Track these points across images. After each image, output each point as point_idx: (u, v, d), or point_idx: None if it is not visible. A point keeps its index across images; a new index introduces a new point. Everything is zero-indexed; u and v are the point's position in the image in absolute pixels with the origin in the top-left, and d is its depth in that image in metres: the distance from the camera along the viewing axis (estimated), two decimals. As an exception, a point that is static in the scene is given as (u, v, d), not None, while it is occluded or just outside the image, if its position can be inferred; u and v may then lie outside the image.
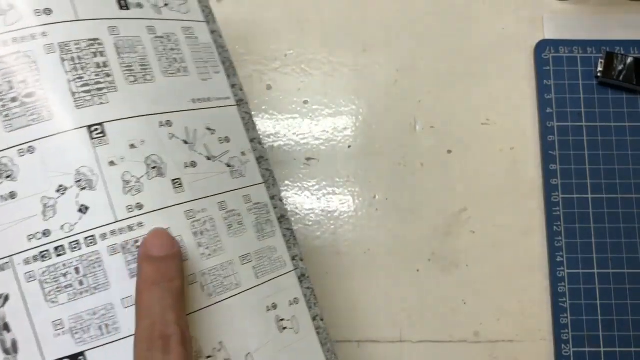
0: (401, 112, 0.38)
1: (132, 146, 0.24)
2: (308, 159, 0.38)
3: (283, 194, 0.37)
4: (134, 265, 0.23)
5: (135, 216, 0.24)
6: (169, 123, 0.26)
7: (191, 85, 0.27)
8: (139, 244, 0.24)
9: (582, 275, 0.36)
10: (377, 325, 0.35)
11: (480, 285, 0.36)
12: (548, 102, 0.38)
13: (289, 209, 0.37)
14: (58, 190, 0.23)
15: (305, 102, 0.39)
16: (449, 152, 0.38)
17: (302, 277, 0.28)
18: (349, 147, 0.38)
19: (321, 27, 0.40)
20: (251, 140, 0.29)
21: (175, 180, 0.25)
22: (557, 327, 0.35)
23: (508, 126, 0.38)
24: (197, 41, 0.28)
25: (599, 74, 0.38)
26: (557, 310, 0.35)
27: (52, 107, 0.24)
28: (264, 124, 0.38)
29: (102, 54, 0.25)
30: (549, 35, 0.39)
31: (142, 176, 0.24)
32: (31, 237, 0.23)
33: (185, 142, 0.26)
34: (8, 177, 0.23)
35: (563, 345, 0.35)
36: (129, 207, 0.24)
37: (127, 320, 0.23)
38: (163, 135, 0.25)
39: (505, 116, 0.38)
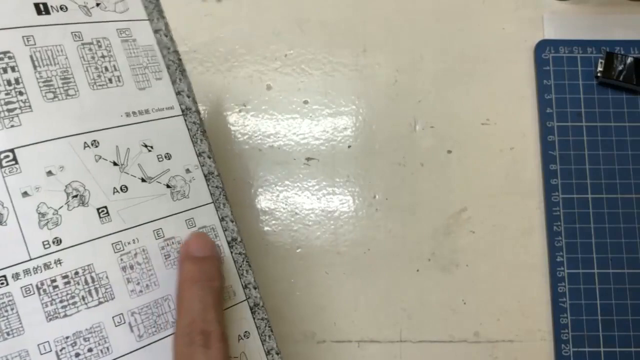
0: (401, 112, 0.38)
1: (50, 173, 0.22)
2: (308, 159, 0.38)
3: (283, 194, 0.37)
4: (52, 307, 0.21)
5: (52, 252, 0.21)
6: (95, 143, 0.23)
7: (125, 97, 0.24)
8: (56, 283, 0.21)
9: (582, 275, 0.36)
10: (377, 325, 0.35)
11: (480, 285, 0.36)
12: (548, 102, 0.38)
13: (289, 209, 0.37)
14: None
15: (305, 102, 0.39)
16: (449, 152, 0.38)
17: (255, 307, 0.26)
18: (349, 147, 0.38)
19: (321, 27, 0.40)
20: (199, 155, 0.26)
21: (101, 209, 0.23)
22: (557, 327, 0.35)
23: (508, 126, 0.38)
24: (136, 44, 0.25)
25: (599, 74, 0.38)
26: (557, 310, 0.35)
27: None
28: (264, 124, 0.38)
29: (13, 69, 0.22)
30: (549, 35, 0.39)
31: (61, 207, 0.22)
32: None
33: (115, 164, 0.23)
34: None
35: (563, 345, 0.35)
36: (45, 243, 0.21)
37: None
38: (87, 158, 0.23)
39: (505, 116, 0.38)
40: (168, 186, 0.25)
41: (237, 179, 0.37)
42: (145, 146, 0.24)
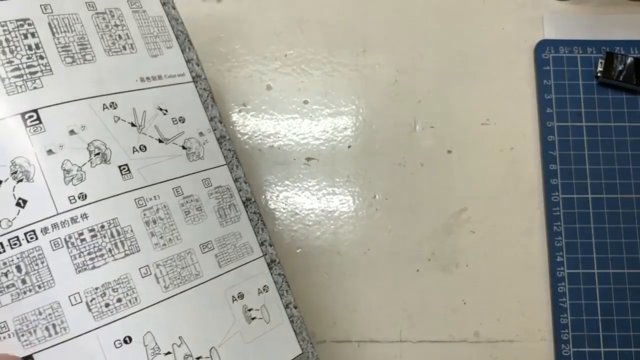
0: (401, 112, 0.38)
1: (72, 132, 0.23)
2: (308, 159, 0.38)
3: (283, 194, 0.37)
4: (80, 260, 0.22)
5: (78, 207, 0.22)
6: (113, 105, 0.24)
7: (139, 63, 0.26)
8: (84, 236, 0.22)
9: (582, 275, 0.36)
10: (377, 325, 0.35)
11: (480, 285, 0.36)
12: (548, 102, 0.38)
13: (289, 209, 0.37)
14: None
15: (305, 102, 0.39)
16: (449, 152, 0.38)
17: (272, 264, 0.27)
18: (349, 147, 0.38)
19: (321, 27, 0.40)
20: (210, 119, 0.27)
21: (122, 167, 0.24)
22: (557, 327, 0.35)
23: (508, 126, 0.38)
24: (146, 15, 0.27)
25: (599, 74, 0.38)
26: (557, 310, 0.35)
27: None
28: (264, 124, 0.38)
29: (33, 35, 0.23)
30: (549, 35, 0.39)
31: (85, 164, 0.23)
32: None
33: (133, 125, 0.24)
34: None
35: (563, 345, 0.35)
36: (71, 198, 0.22)
37: (75, 319, 0.22)
38: (107, 118, 0.24)
39: (505, 116, 0.38)
40: (184, 147, 0.26)
41: (237, 179, 0.37)
42: (160, 109, 0.25)
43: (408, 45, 0.39)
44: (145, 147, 0.24)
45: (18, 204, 0.22)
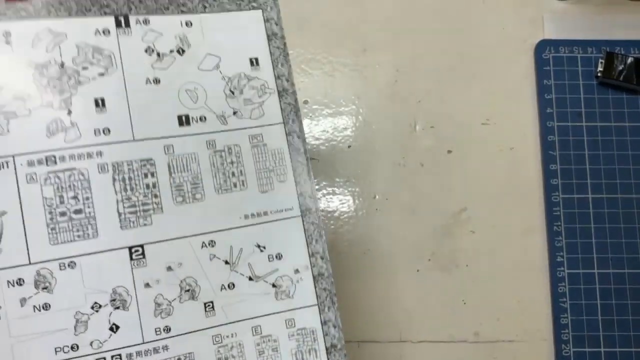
0: (401, 112, 0.38)
1: (169, 269, 0.24)
2: (308, 159, 0.38)
3: (283, 194, 0.37)
4: None
5: (161, 339, 0.24)
6: (212, 243, 0.25)
7: (246, 200, 0.25)
8: None
9: (582, 275, 0.36)
10: (377, 325, 0.35)
11: (480, 285, 0.36)
12: (548, 102, 0.38)
13: (289, 209, 0.37)
14: (92, 307, 0.23)
15: (305, 102, 0.39)
16: (449, 152, 0.38)
17: None
18: (349, 147, 0.38)
19: (321, 27, 0.40)
20: (312, 255, 0.26)
21: (207, 304, 0.24)
22: (557, 327, 0.35)
23: (508, 126, 0.38)
24: (265, 148, 0.26)
25: (599, 74, 0.38)
26: (557, 310, 0.35)
27: (98, 226, 0.24)
28: (264, 124, 0.38)
29: (152, 174, 0.24)
30: (549, 35, 0.39)
31: (174, 299, 0.24)
32: (59, 349, 0.23)
33: (227, 263, 0.25)
34: (45, 288, 0.23)
35: (563, 345, 0.35)
36: (157, 330, 0.24)
37: None
38: (203, 256, 0.25)
39: (505, 116, 0.38)
40: (274, 285, 0.25)
41: (237, 179, 0.37)
42: (258, 246, 0.25)
43: (408, 45, 0.39)
44: (233, 284, 0.25)
45: (111, 329, 0.23)
